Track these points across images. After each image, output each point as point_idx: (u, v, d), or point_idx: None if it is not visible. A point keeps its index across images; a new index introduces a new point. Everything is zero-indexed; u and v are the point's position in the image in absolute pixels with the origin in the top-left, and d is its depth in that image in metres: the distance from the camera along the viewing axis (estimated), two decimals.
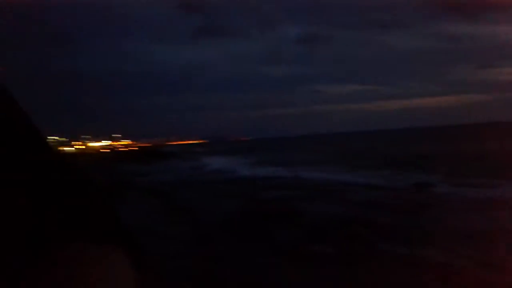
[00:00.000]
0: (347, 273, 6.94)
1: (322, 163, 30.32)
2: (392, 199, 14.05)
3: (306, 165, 29.18)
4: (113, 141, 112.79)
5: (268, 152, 56.43)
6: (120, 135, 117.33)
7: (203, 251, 8.51)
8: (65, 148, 78.29)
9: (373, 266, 7.18)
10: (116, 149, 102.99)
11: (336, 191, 16.53)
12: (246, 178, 23.96)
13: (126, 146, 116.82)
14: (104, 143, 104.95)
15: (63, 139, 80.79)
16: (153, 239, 9.91)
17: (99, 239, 0.80)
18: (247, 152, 61.64)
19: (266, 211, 12.44)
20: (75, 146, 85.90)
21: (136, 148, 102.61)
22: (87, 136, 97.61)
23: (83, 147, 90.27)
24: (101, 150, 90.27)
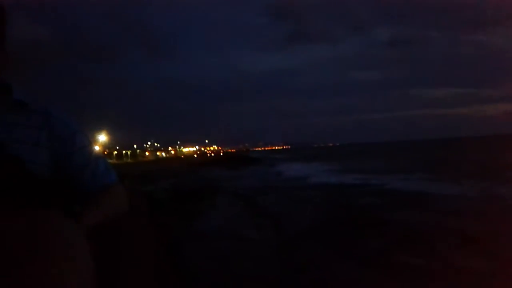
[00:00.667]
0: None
1: (409, 171, 29.10)
2: (477, 209, 13.45)
3: (390, 173, 28.34)
4: (202, 146, 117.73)
5: (353, 159, 55.11)
6: (208, 141, 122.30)
7: (287, 257, 8.61)
8: (159, 153, 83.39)
9: (465, 282, 6.76)
10: (205, 154, 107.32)
11: (422, 200, 16.01)
12: (329, 185, 23.72)
13: (214, 151, 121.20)
14: (194, 148, 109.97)
15: (158, 144, 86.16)
16: (238, 242, 10.27)
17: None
18: (332, 158, 60.77)
19: (350, 219, 12.24)
20: (168, 151, 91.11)
21: (221, 154, 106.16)
22: (179, 142, 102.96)
23: (175, 152, 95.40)
24: (191, 155, 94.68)
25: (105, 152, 61.79)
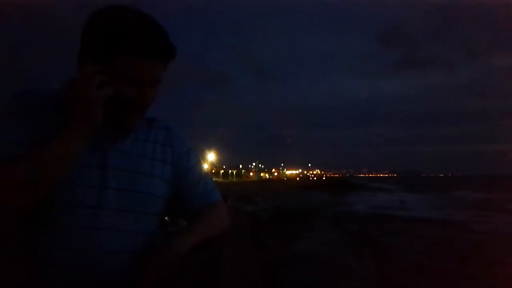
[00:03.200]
0: None
1: None
2: None
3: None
4: (305, 170, 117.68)
5: (462, 191, 50.57)
6: (311, 165, 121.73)
7: None
8: (263, 174, 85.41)
9: None
10: (307, 177, 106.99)
11: None
12: (435, 220, 22.10)
13: (316, 175, 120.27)
14: (296, 171, 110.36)
15: (262, 165, 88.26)
16: (337, 270, 10.13)
17: None
18: (440, 190, 56.56)
19: (458, 256, 11.38)
20: (272, 173, 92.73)
21: (324, 178, 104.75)
22: (282, 164, 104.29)
23: (278, 173, 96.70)
24: (294, 177, 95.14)
25: (213, 171, 64.98)
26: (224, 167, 72.88)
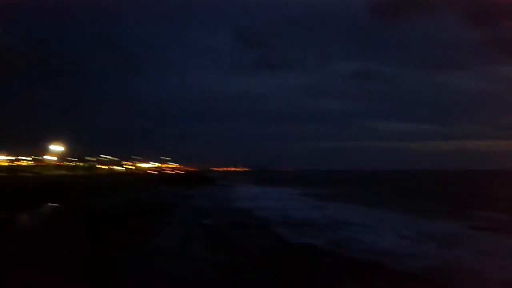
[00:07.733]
0: None
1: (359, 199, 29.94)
2: None
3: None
4: (161, 164, 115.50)
5: (309, 185, 55.85)
6: (168, 158, 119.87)
7: (233, 279, 8.65)
8: (115, 167, 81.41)
9: None
10: (163, 171, 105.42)
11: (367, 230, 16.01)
12: (279, 209, 23.92)
13: (173, 169, 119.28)
14: (152, 165, 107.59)
15: (115, 158, 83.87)
16: (188, 262, 10.19)
17: None
18: (286, 183, 61.60)
19: (299, 249, 12.46)
20: (125, 166, 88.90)
21: (182, 172, 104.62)
22: (137, 157, 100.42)
23: (133, 167, 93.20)
24: (149, 172, 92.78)
25: (60, 164, 59.47)
26: (73, 159, 67.34)
